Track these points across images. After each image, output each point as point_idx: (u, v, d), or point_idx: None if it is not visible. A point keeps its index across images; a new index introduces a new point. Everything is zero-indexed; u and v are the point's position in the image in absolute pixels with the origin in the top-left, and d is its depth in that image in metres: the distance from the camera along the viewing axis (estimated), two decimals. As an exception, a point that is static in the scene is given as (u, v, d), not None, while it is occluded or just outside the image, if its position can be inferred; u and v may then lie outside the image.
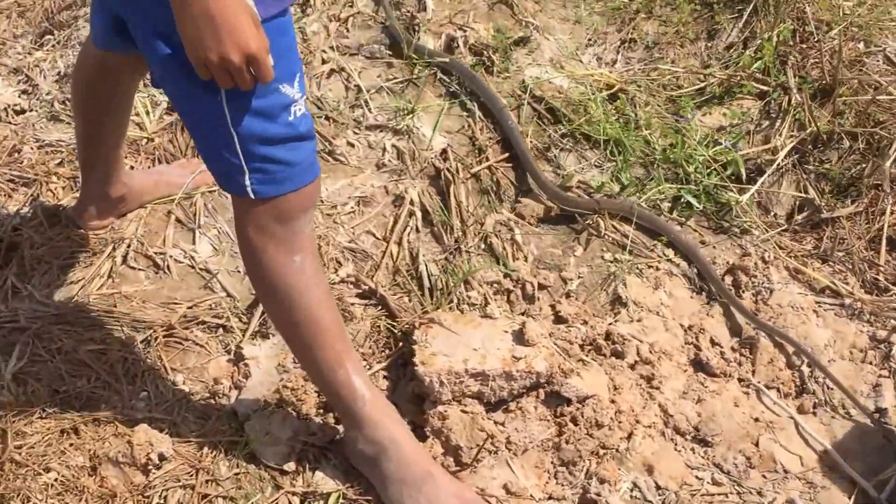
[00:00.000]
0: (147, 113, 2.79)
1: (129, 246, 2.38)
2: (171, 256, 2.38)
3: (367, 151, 2.76)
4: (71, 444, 1.94)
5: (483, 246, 2.48)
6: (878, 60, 3.05)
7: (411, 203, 2.56)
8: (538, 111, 2.88)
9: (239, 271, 2.38)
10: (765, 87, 2.99)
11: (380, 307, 2.30)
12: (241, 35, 1.36)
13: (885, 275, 2.49)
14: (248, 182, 1.58)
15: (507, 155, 2.73)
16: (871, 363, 2.29)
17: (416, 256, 2.42)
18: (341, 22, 3.23)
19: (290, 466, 1.95)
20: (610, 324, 2.28)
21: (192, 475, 1.93)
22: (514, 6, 3.33)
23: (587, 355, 2.19)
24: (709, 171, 2.68)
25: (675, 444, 2.10)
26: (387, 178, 2.67)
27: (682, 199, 2.62)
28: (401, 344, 2.19)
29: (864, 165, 2.67)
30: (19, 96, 2.91)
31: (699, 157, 2.69)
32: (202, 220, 2.48)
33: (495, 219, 2.55)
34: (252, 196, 1.60)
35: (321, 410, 2.05)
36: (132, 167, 2.62)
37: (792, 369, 2.26)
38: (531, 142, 2.76)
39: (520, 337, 2.08)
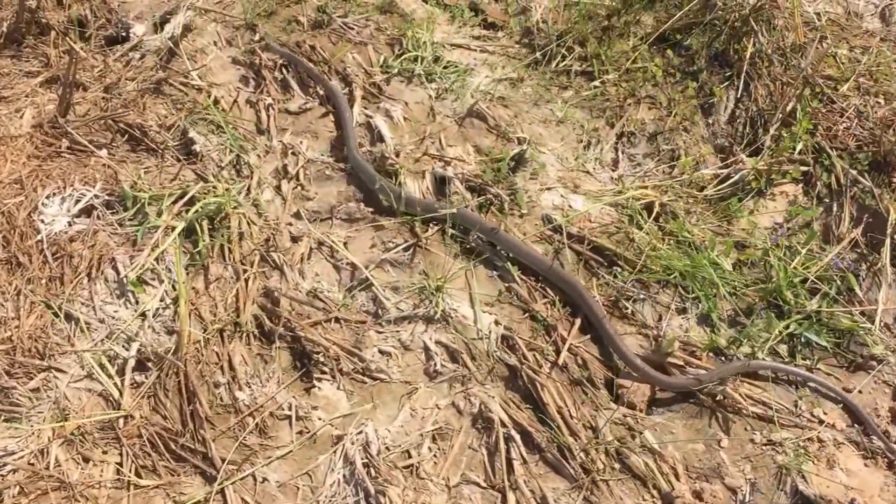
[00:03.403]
0: (107, 372, 2.05)
1: None
2: None
3: (406, 356, 2.14)
4: None
5: (618, 466, 1.94)
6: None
7: (502, 424, 1.98)
8: (582, 254, 2.36)
9: None
10: (805, 168, 2.60)
11: None
12: None
13: None
14: None
15: (577, 322, 2.20)
16: None
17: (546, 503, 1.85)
18: (292, 179, 2.58)
19: None
20: (823, 543, 1.80)
21: None
22: (486, 118, 2.78)
23: None
24: (811, 292, 2.26)
25: None
26: (449, 391, 2.07)
27: (800, 337, 2.18)
28: None
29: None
30: None
31: (797, 279, 2.26)
32: None
33: (608, 418, 2.01)
34: None
35: None
36: (118, 469, 1.89)
37: None
38: (594, 296, 2.24)
39: None
